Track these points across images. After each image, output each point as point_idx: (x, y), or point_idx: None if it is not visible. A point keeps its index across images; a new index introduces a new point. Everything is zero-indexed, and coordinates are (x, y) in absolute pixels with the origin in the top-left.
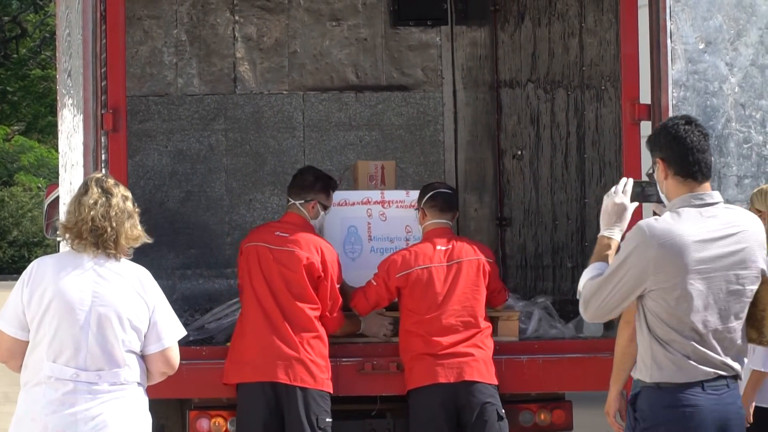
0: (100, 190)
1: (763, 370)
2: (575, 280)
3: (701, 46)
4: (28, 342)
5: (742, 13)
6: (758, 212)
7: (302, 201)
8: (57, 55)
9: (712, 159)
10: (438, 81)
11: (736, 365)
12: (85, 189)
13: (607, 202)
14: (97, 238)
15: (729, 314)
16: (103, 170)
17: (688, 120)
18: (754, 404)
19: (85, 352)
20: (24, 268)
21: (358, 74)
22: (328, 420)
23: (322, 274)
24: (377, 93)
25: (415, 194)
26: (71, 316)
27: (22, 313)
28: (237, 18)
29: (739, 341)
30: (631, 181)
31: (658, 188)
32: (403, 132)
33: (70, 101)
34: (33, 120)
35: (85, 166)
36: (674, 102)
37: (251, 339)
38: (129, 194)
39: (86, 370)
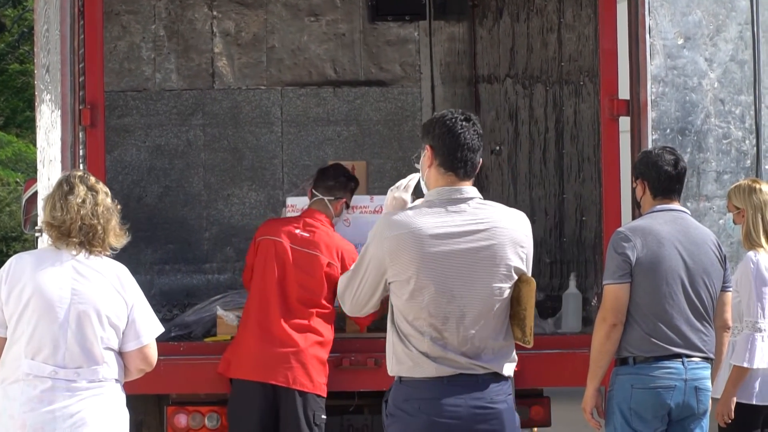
0: (85, 188)
1: (745, 365)
2: (553, 276)
3: (680, 42)
4: (5, 339)
5: (721, 9)
6: (736, 209)
7: (332, 198)
8: (35, 50)
9: (479, 158)
10: (416, 76)
11: (491, 365)
12: (69, 187)
13: (389, 195)
14: (85, 236)
15: (475, 312)
16: (81, 166)
17: (468, 117)
18: (735, 400)
19: (64, 350)
20: (2, 262)
21: (336, 69)
22: (323, 417)
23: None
24: (355, 88)
25: (379, 199)
26: (50, 313)
27: (0, 310)
28: (215, 13)
29: (494, 340)
30: (416, 176)
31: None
32: (381, 127)
33: (48, 97)
34: (11, 115)
35: (63, 161)
36: (653, 97)
37: (255, 336)
38: (108, 191)
39: (65, 368)
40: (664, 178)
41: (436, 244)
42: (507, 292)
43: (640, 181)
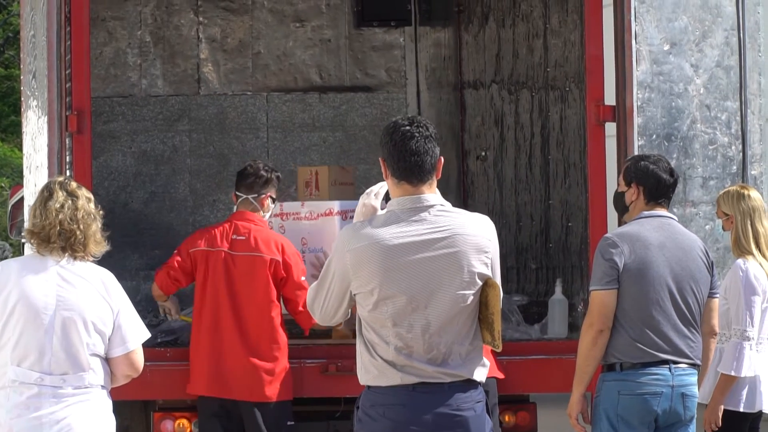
0: (65, 194)
1: (732, 374)
2: (539, 282)
3: (666, 48)
4: None
5: (707, 14)
6: (725, 215)
7: (255, 195)
8: (21, 56)
9: (432, 160)
10: (401, 82)
11: (459, 371)
12: (49, 193)
13: (359, 202)
14: (65, 241)
15: (440, 321)
16: (68, 172)
17: (412, 120)
18: (722, 407)
19: (50, 356)
20: None
21: (322, 75)
22: (290, 423)
23: (285, 274)
24: (341, 94)
25: (309, 205)
26: (36, 320)
27: None
28: (201, 19)
29: (460, 345)
30: (386, 185)
31: None
32: (367, 133)
33: (35, 103)
34: None
35: (49, 167)
36: (639, 103)
37: (209, 352)
38: (92, 196)
39: (51, 374)
40: (662, 185)
41: (397, 255)
42: (471, 299)
43: (635, 185)
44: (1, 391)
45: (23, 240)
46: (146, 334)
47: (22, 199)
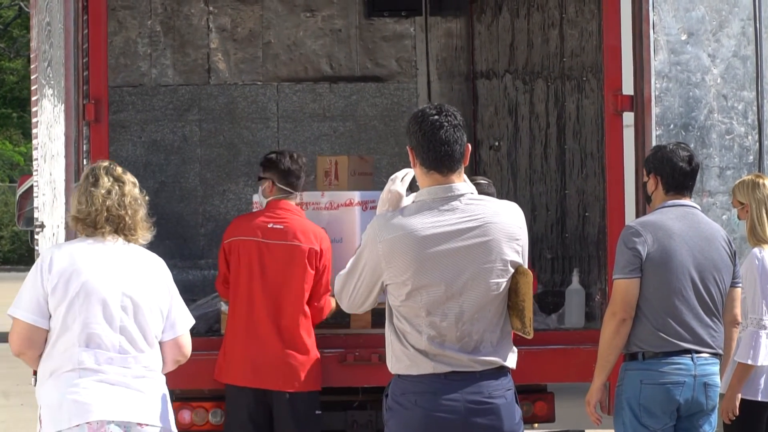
0: (111, 179)
1: (749, 362)
2: (555, 272)
3: (684, 37)
4: (47, 330)
5: (724, 4)
6: (740, 204)
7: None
8: (33, 44)
9: (461, 149)
10: (412, 72)
11: (492, 357)
12: (94, 179)
13: (385, 188)
14: (115, 226)
15: (473, 309)
16: (85, 161)
17: (440, 109)
18: (740, 396)
19: (118, 337)
20: None
21: (333, 65)
22: (317, 413)
23: (320, 266)
24: (351, 84)
25: (330, 195)
26: (102, 301)
27: (45, 301)
28: (211, 8)
29: (492, 332)
30: (411, 172)
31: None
32: (378, 123)
33: (51, 91)
34: None
35: (66, 156)
36: (657, 93)
37: (243, 340)
38: (137, 181)
39: (120, 353)
40: (678, 174)
41: (430, 245)
42: (504, 286)
43: (653, 175)
44: (71, 374)
45: (35, 230)
46: (192, 321)
47: (30, 189)
